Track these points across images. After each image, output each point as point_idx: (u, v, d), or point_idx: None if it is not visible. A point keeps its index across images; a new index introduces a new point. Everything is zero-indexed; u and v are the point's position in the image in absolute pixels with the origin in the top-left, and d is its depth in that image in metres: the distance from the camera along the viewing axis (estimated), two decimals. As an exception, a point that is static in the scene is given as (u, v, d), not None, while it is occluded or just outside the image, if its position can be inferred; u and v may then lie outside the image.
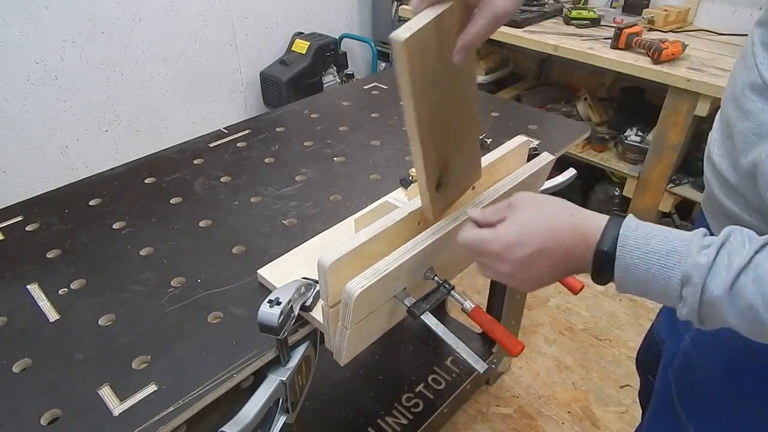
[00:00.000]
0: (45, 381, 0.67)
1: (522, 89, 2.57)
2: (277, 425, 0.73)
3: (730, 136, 0.64)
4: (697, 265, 0.47)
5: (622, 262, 0.50)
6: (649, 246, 0.49)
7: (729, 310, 0.46)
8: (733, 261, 0.46)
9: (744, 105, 0.60)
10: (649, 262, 0.49)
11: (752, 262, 0.46)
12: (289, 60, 2.49)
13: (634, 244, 0.50)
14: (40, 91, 1.93)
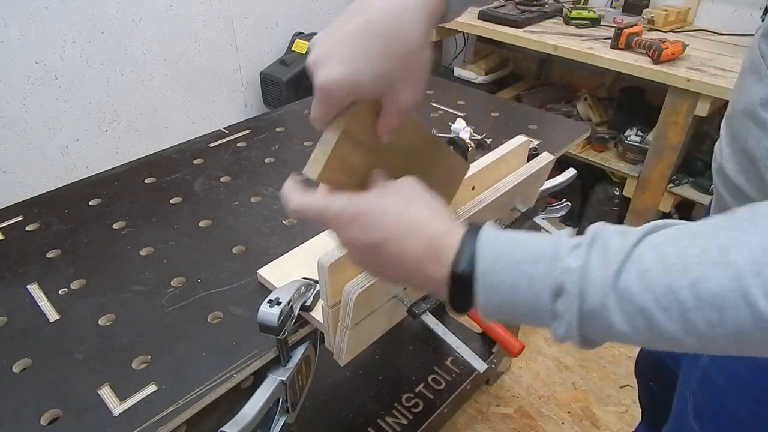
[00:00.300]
0: (45, 381, 0.67)
1: (522, 89, 2.57)
2: (277, 425, 0.73)
3: (744, 150, 0.62)
4: (568, 269, 0.38)
5: (484, 281, 0.41)
6: (512, 257, 0.40)
7: (616, 318, 0.37)
8: (610, 258, 0.37)
9: (766, 122, 0.57)
10: (514, 275, 0.40)
11: (632, 255, 0.37)
12: (289, 60, 2.49)
13: (494, 258, 0.40)
14: (40, 91, 1.93)
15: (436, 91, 1.47)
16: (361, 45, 0.43)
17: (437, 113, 1.35)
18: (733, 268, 0.34)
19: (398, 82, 0.46)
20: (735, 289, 0.33)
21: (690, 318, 0.35)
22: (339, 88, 0.45)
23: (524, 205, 0.91)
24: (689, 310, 0.35)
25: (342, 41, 0.44)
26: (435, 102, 1.40)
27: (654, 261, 0.36)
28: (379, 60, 0.43)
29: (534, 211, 0.92)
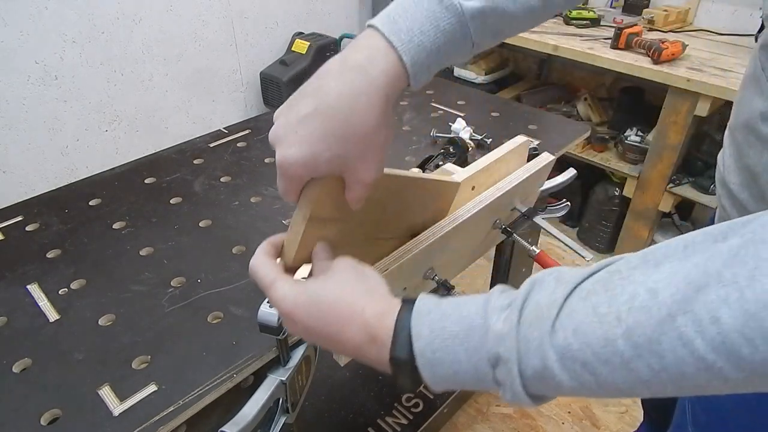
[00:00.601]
0: (45, 381, 0.67)
1: (522, 89, 2.57)
2: (277, 425, 0.73)
3: (747, 166, 0.60)
4: (500, 336, 0.37)
5: (424, 361, 0.40)
6: (445, 331, 0.39)
7: (562, 376, 0.36)
8: (543, 315, 0.37)
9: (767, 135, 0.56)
10: (452, 351, 0.39)
11: (565, 309, 0.36)
12: (289, 60, 2.49)
13: (430, 334, 0.40)
14: (40, 91, 1.93)
15: (436, 91, 1.47)
16: (317, 126, 0.44)
17: (437, 113, 1.35)
18: (663, 309, 0.32)
19: (356, 159, 0.46)
20: (668, 332, 0.32)
21: (632, 368, 0.34)
22: (296, 167, 0.45)
23: (524, 205, 0.91)
24: (629, 360, 0.34)
25: (300, 121, 0.44)
26: (435, 102, 1.40)
27: (587, 313, 0.35)
28: (336, 141, 0.44)
29: (534, 211, 0.92)
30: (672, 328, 0.32)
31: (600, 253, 2.31)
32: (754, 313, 0.30)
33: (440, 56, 0.47)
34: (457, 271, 0.87)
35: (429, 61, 0.47)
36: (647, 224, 2.09)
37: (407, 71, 0.46)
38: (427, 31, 0.46)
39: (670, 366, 0.33)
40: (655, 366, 0.33)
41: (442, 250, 0.75)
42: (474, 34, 0.48)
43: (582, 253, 0.89)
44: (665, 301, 0.32)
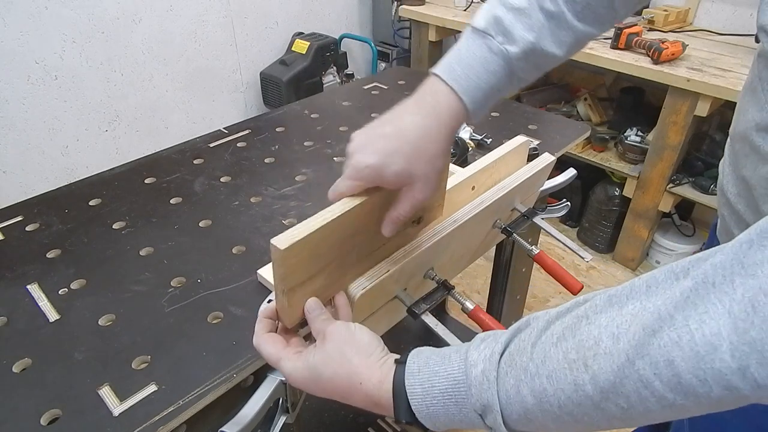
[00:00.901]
0: (45, 381, 0.67)
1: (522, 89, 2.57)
2: (277, 425, 0.73)
3: (743, 178, 0.60)
4: (480, 389, 0.41)
5: (425, 417, 0.45)
6: (435, 389, 0.44)
7: (544, 419, 0.39)
8: (516, 361, 0.40)
9: (761, 148, 0.55)
10: (444, 405, 0.43)
11: (535, 354, 0.39)
12: (289, 60, 2.49)
13: (422, 393, 0.45)
14: (40, 91, 1.93)
15: (436, 91, 1.47)
16: (393, 144, 0.52)
17: (437, 113, 1.35)
18: (623, 354, 0.34)
19: (418, 178, 0.54)
20: (629, 375, 0.34)
21: (603, 408, 0.36)
22: (369, 171, 0.53)
23: (524, 205, 0.91)
24: (599, 402, 0.36)
25: (380, 137, 0.53)
26: (435, 102, 1.40)
27: (558, 360, 0.38)
28: (406, 158, 0.52)
29: (534, 212, 0.92)
30: (632, 371, 0.34)
31: (600, 253, 2.31)
32: (704, 355, 0.31)
33: (493, 93, 0.56)
34: (457, 271, 0.87)
35: (484, 99, 0.55)
36: (647, 224, 2.09)
37: (467, 108, 0.54)
38: (481, 75, 0.54)
39: (636, 405, 0.35)
40: (623, 405, 0.35)
41: (443, 251, 0.75)
42: (519, 72, 0.56)
43: (581, 254, 0.89)
44: (624, 346, 0.35)
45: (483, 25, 0.56)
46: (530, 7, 0.55)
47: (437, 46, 2.57)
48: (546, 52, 0.57)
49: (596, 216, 2.28)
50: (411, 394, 0.45)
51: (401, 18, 2.59)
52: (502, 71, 0.55)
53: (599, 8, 0.58)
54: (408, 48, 2.79)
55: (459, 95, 0.53)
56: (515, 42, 0.55)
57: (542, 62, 0.58)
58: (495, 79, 0.55)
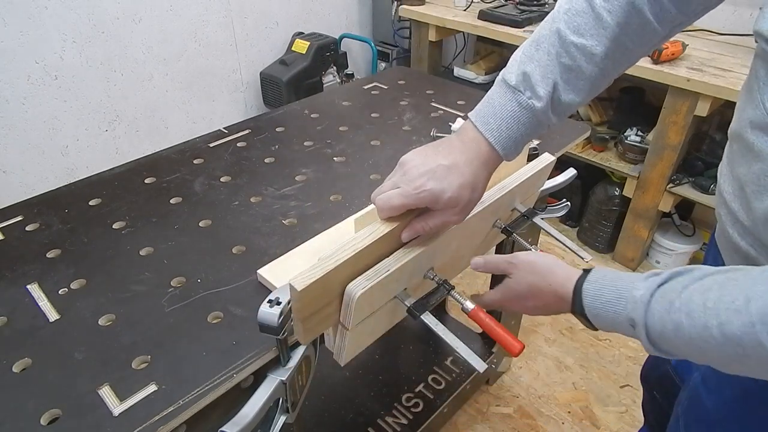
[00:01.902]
0: (45, 381, 0.67)
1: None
2: (277, 425, 0.73)
3: (738, 177, 0.61)
4: (634, 306, 0.54)
5: (591, 314, 0.60)
6: (603, 297, 0.58)
7: (676, 342, 0.51)
8: (667, 295, 0.52)
9: (754, 145, 0.57)
10: (606, 311, 0.58)
11: (683, 296, 0.50)
12: (289, 60, 2.49)
13: (593, 299, 0.59)
14: (40, 91, 1.93)
15: (436, 91, 1.47)
16: (451, 176, 0.62)
17: (437, 113, 1.35)
18: (748, 316, 0.44)
19: (459, 206, 0.64)
20: (749, 333, 0.44)
21: (723, 350, 0.47)
22: (427, 195, 0.62)
23: (524, 205, 0.91)
24: (721, 344, 0.46)
25: (438, 167, 0.62)
26: (435, 102, 1.40)
27: (698, 304, 0.48)
28: (458, 189, 0.62)
29: (534, 212, 0.92)
30: (752, 331, 0.44)
31: (600, 252, 2.31)
32: None
33: (523, 139, 0.66)
34: (458, 271, 0.87)
35: (515, 145, 0.65)
36: (647, 224, 2.09)
37: (500, 154, 0.65)
38: (512, 126, 0.64)
39: (750, 354, 0.45)
40: (740, 352, 0.45)
41: (443, 251, 0.75)
42: (546, 120, 0.65)
43: (581, 254, 0.89)
44: (751, 310, 0.44)
45: (514, 82, 0.64)
46: (550, 64, 0.63)
47: (437, 46, 2.57)
48: (565, 101, 0.65)
49: (596, 216, 2.28)
50: (584, 297, 0.60)
51: (401, 18, 2.59)
52: (530, 122, 0.64)
53: (615, 57, 0.63)
54: (408, 48, 2.79)
55: (493, 145, 0.64)
56: (540, 99, 0.63)
57: (566, 109, 0.67)
58: (524, 128, 0.64)
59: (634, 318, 0.54)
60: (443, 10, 2.43)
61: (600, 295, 0.58)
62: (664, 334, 0.51)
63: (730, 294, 0.46)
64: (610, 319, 0.57)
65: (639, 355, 1.78)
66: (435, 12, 2.40)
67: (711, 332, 0.46)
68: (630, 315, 0.54)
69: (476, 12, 2.28)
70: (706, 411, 0.72)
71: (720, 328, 0.46)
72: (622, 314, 0.55)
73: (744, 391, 0.66)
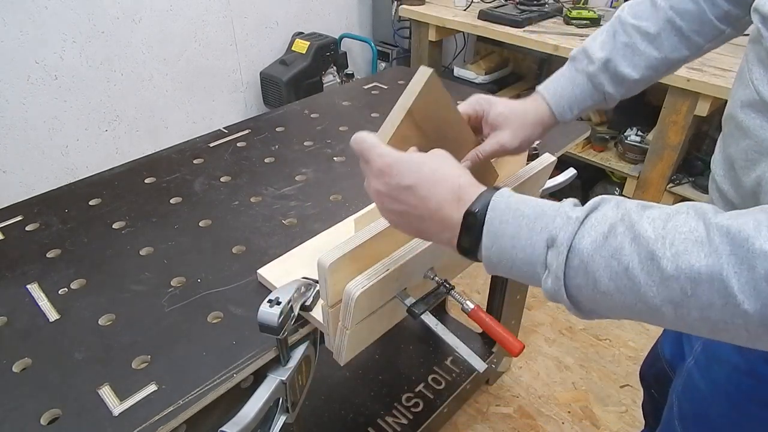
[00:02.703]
0: (45, 381, 0.67)
1: (522, 89, 2.57)
2: (277, 425, 0.73)
3: (729, 156, 0.63)
4: (565, 223, 0.43)
5: (491, 227, 0.46)
6: (519, 211, 0.45)
7: (602, 274, 0.41)
8: (608, 218, 0.42)
9: (743, 123, 0.59)
10: (517, 226, 0.45)
11: (629, 221, 0.41)
12: (289, 60, 2.49)
13: (505, 208, 0.46)
14: (40, 91, 1.93)
15: (436, 91, 1.47)
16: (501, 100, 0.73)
17: (437, 113, 1.35)
18: (713, 249, 0.37)
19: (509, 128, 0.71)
20: (711, 266, 0.36)
21: (668, 285, 0.38)
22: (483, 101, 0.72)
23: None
24: (669, 278, 0.38)
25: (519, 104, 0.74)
26: (435, 102, 1.40)
27: (649, 230, 0.39)
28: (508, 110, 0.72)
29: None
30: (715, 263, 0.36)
31: (600, 253, 2.31)
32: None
33: (577, 101, 0.74)
34: (458, 270, 0.87)
35: (568, 105, 0.74)
36: (647, 224, 2.09)
37: (552, 110, 0.75)
38: (566, 87, 0.74)
39: (701, 294, 0.37)
40: (688, 291, 0.37)
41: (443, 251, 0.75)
42: (601, 86, 0.73)
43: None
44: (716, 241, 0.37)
45: (574, 54, 0.76)
46: (608, 38, 0.73)
47: (437, 46, 2.57)
48: (621, 72, 0.72)
49: (596, 216, 2.28)
50: (493, 207, 0.47)
51: (401, 18, 2.59)
52: (585, 86, 0.74)
53: (669, 38, 0.71)
54: (408, 48, 2.79)
55: (546, 100, 0.74)
56: (593, 63, 0.73)
57: (622, 80, 0.72)
58: (579, 91, 0.74)
59: (556, 237, 0.42)
60: (443, 10, 2.43)
61: (517, 208, 0.46)
62: (591, 261, 0.41)
63: (687, 224, 0.39)
64: (518, 239, 0.45)
65: (639, 355, 1.78)
66: (435, 12, 2.40)
67: (659, 263, 0.38)
68: (552, 232, 0.43)
69: (476, 12, 2.28)
70: (700, 393, 0.73)
71: (674, 260, 0.37)
72: (541, 231, 0.44)
73: (735, 372, 0.67)
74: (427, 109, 0.60)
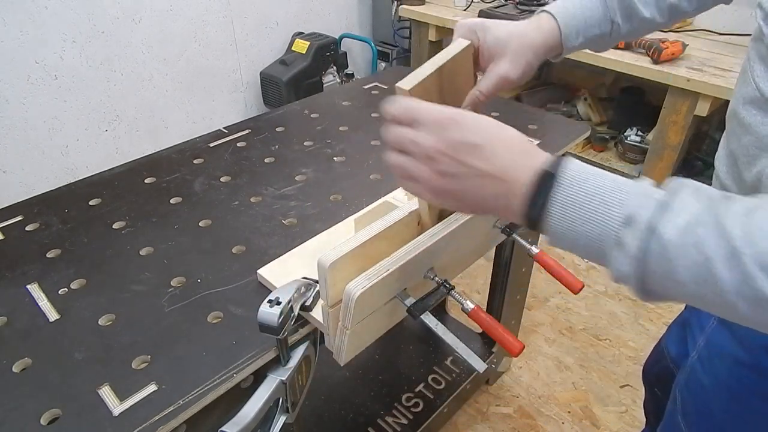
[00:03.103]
0: (45, 381, 0.67)
1: (522, 89, 2.57)
2: (277, 425, 0.73)
3: (732, 152, 0.64)
4: (645, 202, 0.39)
5: (564, 191, 0.42)
6: (595, 181, 0.41)
7: (681, 262, 0.38)
8: (692, 207, 0.39)
9: (744, 119, 0.60)
10: (590, 195, 0.41)
11: (713, 212, 0.38)
12: (289, 60, 2.49)
13: (578, 175, 0.42)
14: (40, 91, 1.93)
15: (436, 91, 1.47)
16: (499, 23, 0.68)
17: (437, 113, 1.35)
18: None
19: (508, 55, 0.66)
20: None
21: (750, 284, 0.36)
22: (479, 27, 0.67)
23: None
24: (752, 278, 0.36)
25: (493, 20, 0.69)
26: (435, 102, 1.40)
27: (735, 226, 0.37)
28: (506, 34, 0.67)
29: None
30: None
31: (600, 253, 2.31)
32: None
33: (587, 25, 0.70)
34: (458, 271, 0.87)
35: (576, 26, 0.69)
36: (647, 224, 2.09)
37: (560, 29, 0.69)
38: (577, 7, 0.70)
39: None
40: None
41: (443, 251, 0.75)
42: (613, 14, 0.70)
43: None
44: None
45: None
46: None
47: (437, 46, 2.57)
48: (633, 4, 0.70)
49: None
50: (567, 170, 0.42)
51: (401, 18, 2.59)
52: (597, 8, 0.70)
53: None
54: (408, 48, 2.79)
55: (556, 18, 0.69)
56: None
57: (631, 15, 0.70)
58: (590, 13, 0.70)
59: (635, 216, 0.39)
60: (443, 10, 2.43)
61: (594, 178, 0.42)
62: (674, 248, 0.38)
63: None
64: (590, 209, 0.41)
65: (639, 355, 1.78)
66: (435, 12, 2.40)
67: (742, 259, 0.36)
68: (630, 211, 0.39)
69: (476, 12, 2.28)
70: (702, 388, 0.73)
71: (757, 258, 0.36)
72: (619, 206, 0.40)
73: (736, 362, 0.67)
74: (453, 72, 0.60)
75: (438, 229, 0.71)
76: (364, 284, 0.62)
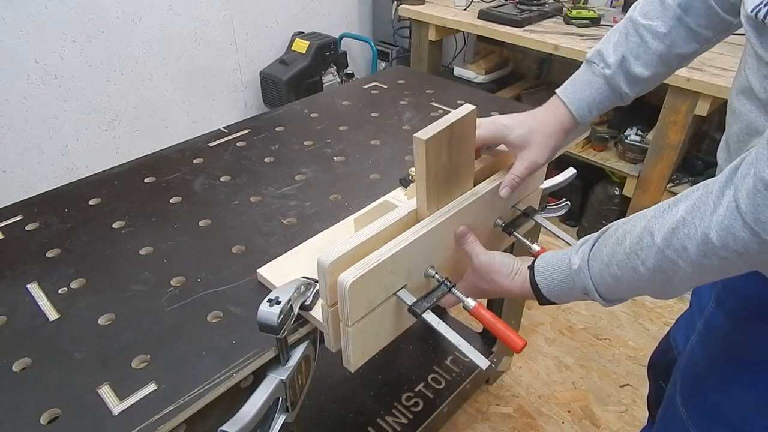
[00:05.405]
0: (45, 381, 0.67)
1: (522, 89, 2.57)
2: (276, 424, 0.73)
3: (727, 141, 0.67)
4: (581, 276, 0.63)
5: (550, 295, 0.68)
6: (555, 280, 0.66)
7: (620, 290, 0.61)
8: (599, 258, 0.61)
9: (736, 108, 0.63)
10: (563, 291, 0.66)
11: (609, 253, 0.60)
12: (289, 59, 2.49)
13: (547, 283, 0.67)
14: (40, 91, 1.93)
15: (436, 91, 1.47)
16: (522, 118, 0.78)
17: (437, 112, 1.35)
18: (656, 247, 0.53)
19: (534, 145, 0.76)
20: (663, 259, 0.53)
21: (655, 281, 0.55)
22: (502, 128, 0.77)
23: (524, 204, 0.91)
24: (650, 277, 0.55)
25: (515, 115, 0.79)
26: (435, 101, 1.40)
27: (621, 254, 0.58)
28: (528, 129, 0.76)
29: (534, 210, 0.92)
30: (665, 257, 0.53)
31: (600, 252, 2.31)
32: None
33: (596, 104, 0.78)
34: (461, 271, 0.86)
35: (588, 108, 0.78)
36: (647, 224, 2.09)
37: (573, 114, 0.78)
38: (584, 90, 0.78)
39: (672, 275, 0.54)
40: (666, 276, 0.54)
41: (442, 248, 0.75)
42: (619, 88, 0.77)
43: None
44: (657, 241, 0.53)
45: (590, 57, 0.78)
46: (621, 40, 0.76)
47: (437, 46, 2.57)
48: (635, 72, 0.75)
49: (596, 215, 2.28)
50: (540, 286, 0.68)
51: (401, 17, 2.59)
52: (602, 88, 0.77)
53: (679, 34, 0.73)
54: (408, 47, 2.79)
55: (566, 104, 0.78)
56: (610, 66, 0.76)
57: (637, 80, 0.76)
58: (597, 93, 0.77)
59: (585, 286, 0.62)
60: (443, 9, 2.43)
61: (551, 280, 0.66)
62: (610, 288, 0.61)
63: (638, 235, 0.55)
64: (568, 295, 0.66)
65: (639, 355, 1.78)
66: (435, 12, 2.40)
67: (639, 271, 0.55)
68: (582, 285, 0.63)
69: (476, 11, 2.28)
70: (698, 365, 0.77)
71: (644, 265, 0.54)
72: (576, 287, 0.64)
73: (729, 342, 0.72)
74: (461, 130, 0.70)
75: (431, 220, 0.71)
76: (355, 274, 0.62)
